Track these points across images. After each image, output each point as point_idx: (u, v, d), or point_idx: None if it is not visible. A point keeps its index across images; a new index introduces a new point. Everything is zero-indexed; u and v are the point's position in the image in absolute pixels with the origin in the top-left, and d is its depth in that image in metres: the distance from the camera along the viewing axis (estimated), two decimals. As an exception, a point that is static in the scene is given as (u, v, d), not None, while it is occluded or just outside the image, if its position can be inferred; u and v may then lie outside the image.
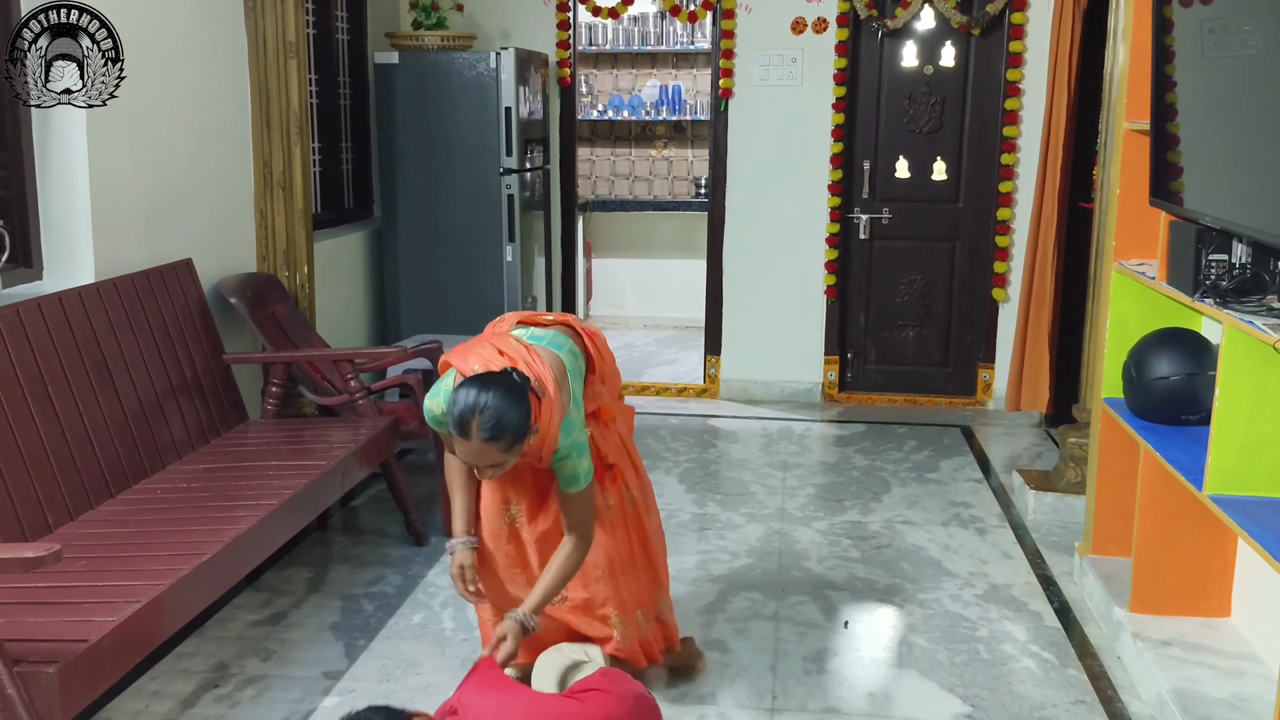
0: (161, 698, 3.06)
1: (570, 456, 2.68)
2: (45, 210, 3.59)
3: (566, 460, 2.68)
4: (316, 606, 3.65)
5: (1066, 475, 4.50)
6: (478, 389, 2.48)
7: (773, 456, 5.29)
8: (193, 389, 3.85)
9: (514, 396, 2.49)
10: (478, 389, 2.48)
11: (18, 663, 2.24)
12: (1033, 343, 5.43)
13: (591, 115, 8.51)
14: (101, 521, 3.13)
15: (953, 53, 5.95)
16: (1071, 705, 3.07)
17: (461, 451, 2.55)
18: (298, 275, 4.65)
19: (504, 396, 2.47)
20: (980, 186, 6.01)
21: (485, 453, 2.50)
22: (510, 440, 2.49)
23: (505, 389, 2.49)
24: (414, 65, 5.67)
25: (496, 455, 2.50)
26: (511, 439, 2.49)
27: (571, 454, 2.68)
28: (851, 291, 6.22)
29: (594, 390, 2.92)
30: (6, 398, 3.00)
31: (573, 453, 2.68)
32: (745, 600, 3.70)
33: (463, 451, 2.54)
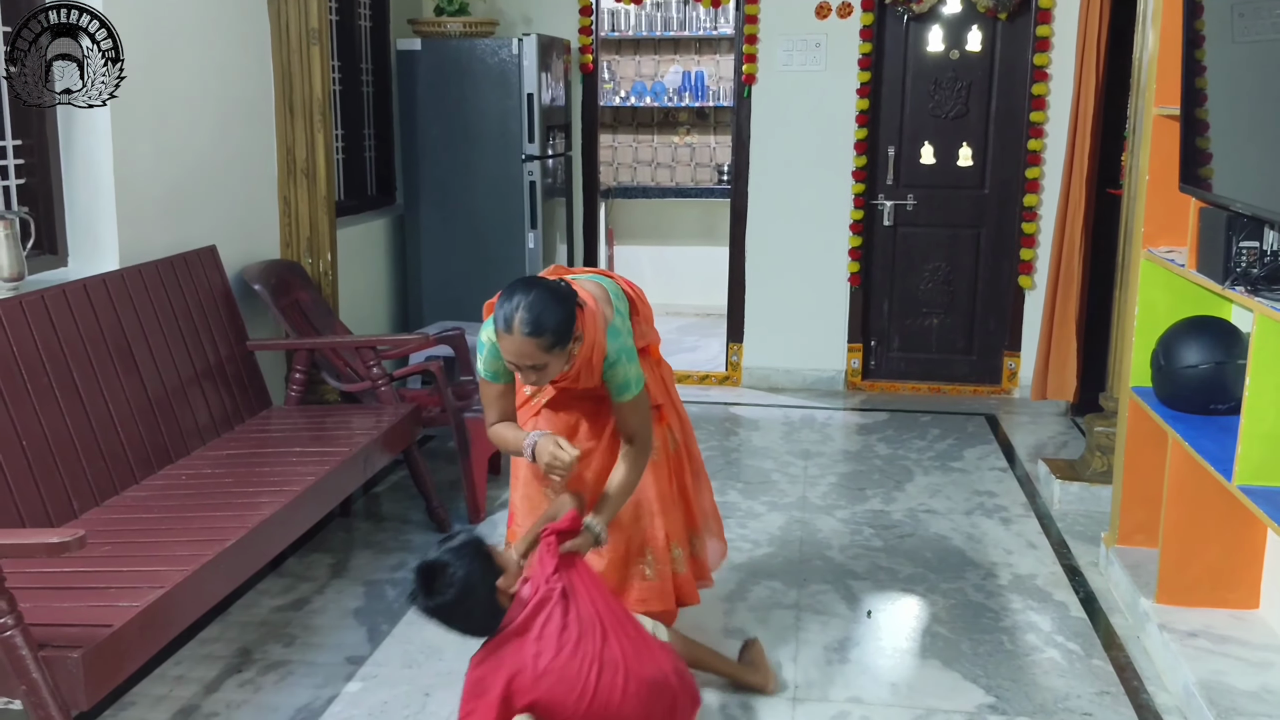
0: (185, 682, 3.08)
1: (620, 362, 2.73)
2: (70, 197, 3.61)
3: (617, 366, 2.74)
4: (339, 592, 3.66)
5: (1093, 464, 4.47)
6: (522, 289, 2.58)
7: (795, 445, 5.27)
8: (216, 375, 3.86)
9: (556, 297, 2.58)
10: (522, 289, 2.58)
11: (43, 647, 2.25)
12: (1059, 330, 5.38)
13: (614, 101, 8.48)
14: (126, 507, 3.15)
15: (979, 37, 5.89)
16: (1096, 696, 3.05)
17: (505, 350, 2.59)
18: (320, 262, 4.66)
19: (546, 295, 2.57)
20: (1006, 172, 5.96)
21: (526, 349, 2.55)
22: (551, 339, 2.55)
23: (548, 290, 2.59)
24: (436, 52, 5.66)
25: (538, 354, 2.56)
26: (552, 337, 2.55)
27: (621, 358, 2.73)
28: (875, 278, 6.18)
29: (640, 330, 2.98)
30: (32, 384, 3.02)
31: (622, 357, 2.74)
32: (766, 589, 3.69)
33: (506, 349, 2.59)
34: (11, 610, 2.21)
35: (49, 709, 2.22)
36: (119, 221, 3.62)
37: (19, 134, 3.47)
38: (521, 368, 2.61)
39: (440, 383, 4.25)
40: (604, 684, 2.47)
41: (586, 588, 2.58)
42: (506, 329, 2.55)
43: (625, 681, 2.49)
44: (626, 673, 2.50)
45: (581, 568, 2.63)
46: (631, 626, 2.62)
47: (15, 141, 3.46)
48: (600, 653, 2.49)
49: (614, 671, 2.49)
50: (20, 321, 3.06)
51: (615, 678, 2.48)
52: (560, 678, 2.46)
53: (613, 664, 2.49)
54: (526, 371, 2.62)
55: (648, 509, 2.97)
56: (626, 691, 2.49)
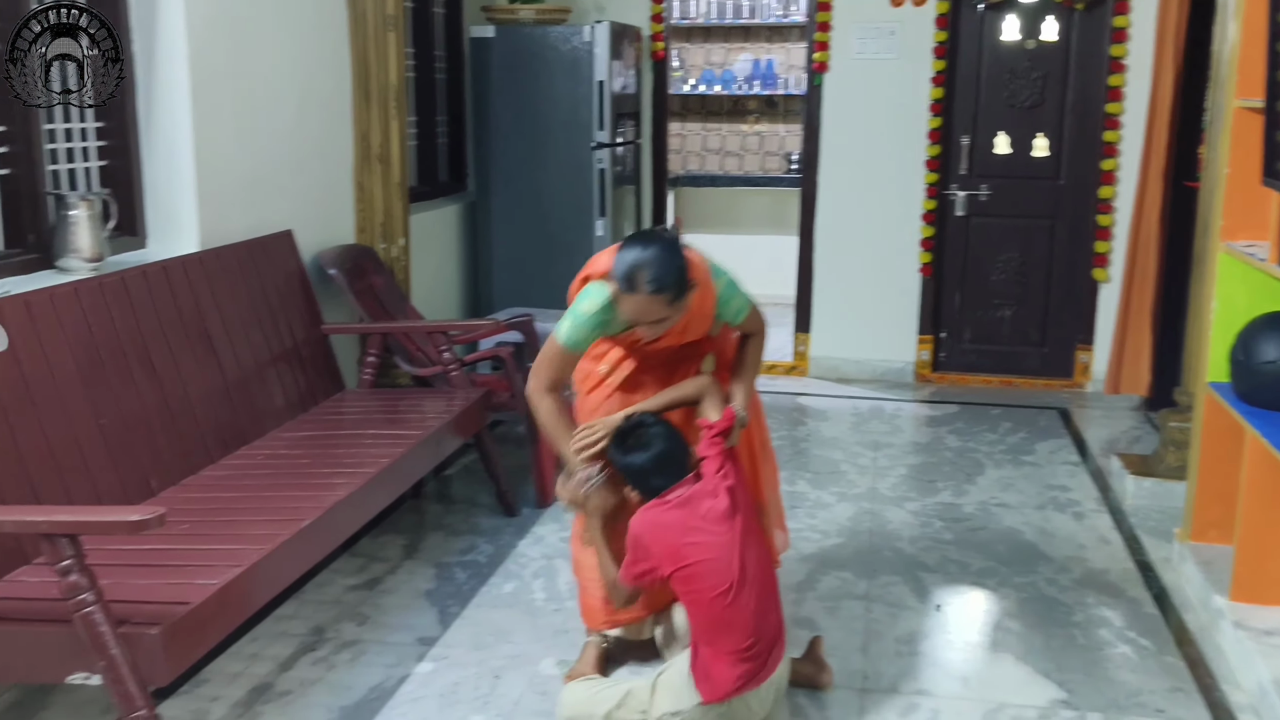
0: (260, 660, 3.13)
1: (733, 295, 2.87)
2: (150, 180, 3.68)
3: (731, 300, 2.87)
4: (411, 573, 3.71)
5: (1166, 459, 4.38)
6: (640, 245, 2.63)
7: (863, 435, 5.23)
8: (292, 358, 3.92)
9: (674, 249, 2.64)
10: (640, 245, 2.63)
11: (122, 624, 2.28)
12: (1134, 324, 5.28)
13: (683, 89, 8.46)
14: (203, 486, 3.21)
15: (1055, 27, 5.79)
16: (1169, 693, 2.99)
17: (628, 309, 2.65)
18: (394, 247, 4.71)
19: (666, 249, 2.62)
20: (1082, 163, 5.85)
21: (651, 307, 2.61)
22: (673, 293, 2.61)
23: (665, 243, 2.65)
24: (509, 39, 5.69)
25: (661, 309, 2.62)
26: (674, 291, 2.61)
27: (730, 291, 2.87)
28: (947, 269, 6.10)
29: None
30: (112, 364, 3.09)
31: (730, 289, 2.87)
32: (836, 580, 3.67)
33: (629, 308, 2.64)
34: (91, 587, 2.24)
35: (127, 684, 2.25)
36: (199, 204, 3.68)
37: (101, 116, 3.55)
38: (642, 324, 2.67)
39: (510, 368, 4.28)
40: (744, 581, 2.61)
41: (743, 491, 2.76)
42: (630, 289, 2.60)
43: (759, 590, 2.65)
44: (762, 583, 2.67)
45: (738, 469, 2.79)
46: (765, 542, 2.87)
47: (97, 124, 3.54)
48: (743, 553, 2.63)
49: (751, 578, 2.63)
50: (100, 302, 3.12)
51: (750, 586, 2.62)
52: (712, 564, 2.60)
53: (754, 569, 2.65)
54: (647, 327, 2.68)
55: None
56: (755, 597, 2.63)
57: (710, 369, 3.01)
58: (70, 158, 3.45)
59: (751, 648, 2.61)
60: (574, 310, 2.80)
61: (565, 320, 2.81)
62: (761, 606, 2.65)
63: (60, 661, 2.31)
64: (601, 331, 2.82)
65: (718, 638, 2.61)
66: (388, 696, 2.95)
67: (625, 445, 2.72)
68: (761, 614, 2.64)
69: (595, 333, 2.80)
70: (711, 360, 3.02)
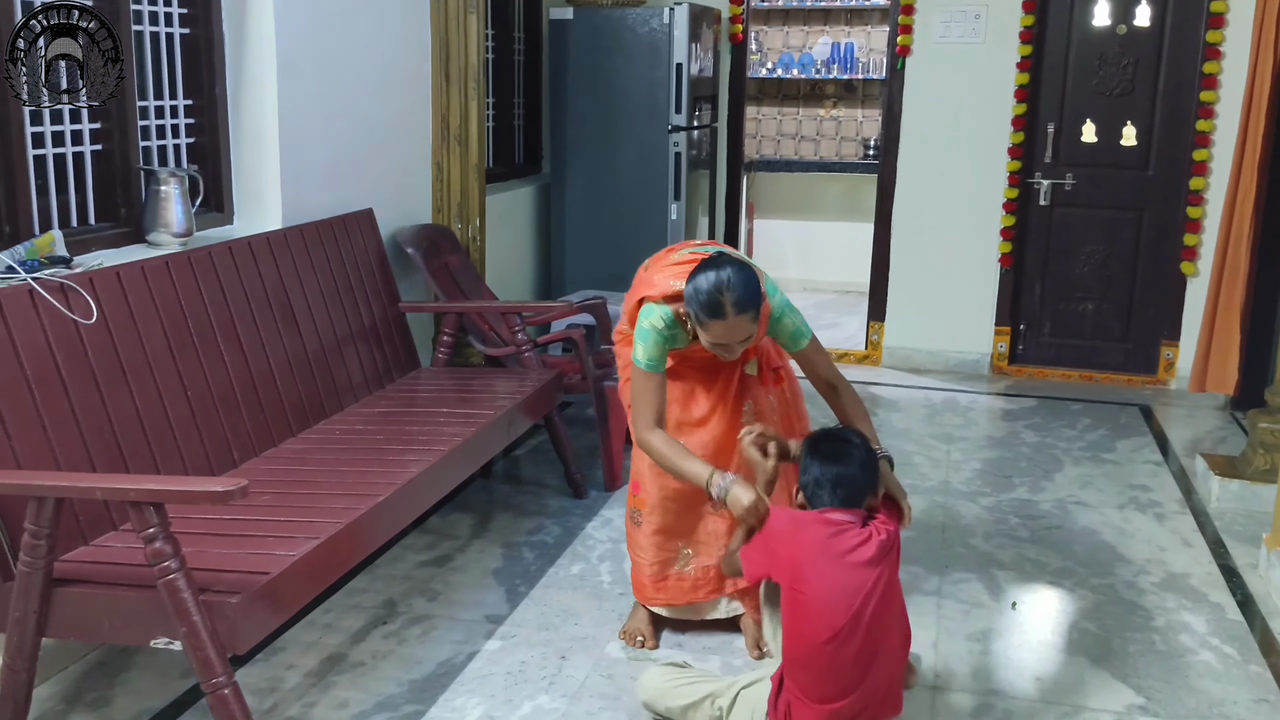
0: (333, 630, 3.18)
1: (786, 313, 2.83)
2: (237, 157, 3.74)
3: (784, 318, 2.82)
4: (480, 552, 3.74)
5: (1255, 462, 4.25)
6: (714, 269, 2.61)
7: (937, 428, 5.15)
8: (370, 335, 3.96)
9: (744, 266, 2.64)
10: (714, 269, 2.61)
11: (203, 591, 2.32)
12: (1223, 320, 5.13)
13: (760, 73, 8.38)
14: (283, 459, 3.26)
15: (1148, 12, 5.63)
16: (1254, 704, 2.91)
17: (715, 334, 2.64)
18: (469, 228, 4.74)
19: (738, 267, 2.61)
20: (1172, 154, 5.69)
21: (738, 326, 2.62)
22: (755, 309, 2.61)
23: (735, 262, 2.63)
24: (588, 21, 5.68)
25: (747, 326, 2.63)
26: (755, 306, 2.61)
27: (785, 310, 2.83)
28: (1028, 260, 5.99)
29: None
30: (199, 337, 3.14)
31: (785, 308, 2.83)
32: (907, 574, 3.60)
33: (717, 333, 2.63)
34: (176, 554, 2.28)
35: (207, 650, 2.29)
36: (282, 182, 3.73)
37: (190, 94, 3.61)
38: (729, 345, 2.66)
39: (581, 350, 4.28)
40: (853, 635, 2.39)
41: (895, 553, 2.52)
42: (716, 314, 2.59)
43: (871, 648, 2.42)
44: (877, 646, 2.43)
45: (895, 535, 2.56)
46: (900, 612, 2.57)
47: (186, 101, 3.60)
48: (863, 607, 2.39)
49: (866, 636, 2.41)
50: (188, 276, 3.18)
51: (860, 642, 2.40)
52: (825, 603, 2.39)
53: (872, 628, 2.41)
54: (733, 347, 2.68)
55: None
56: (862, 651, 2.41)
57: (753, 372, 3.01)
58: (161, 135, 3.50)
59: (840, 707, 2.41)
60: (640, 333, 2.81)
61: (637, 346, 2.81)
62: (867, 665, 2.42)
63: (144, 626, 2.36)
64: (671, 345, 2.82)
65: (802, 676, 2.45)
66: (456, 672, 2.98)
67: (820, 448, 2.59)
68: (863, 671, 2.42)
69: (666, 347, 2.81)
70: (755, 364, 3.02)
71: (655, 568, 3.10)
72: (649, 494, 3.07)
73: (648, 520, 3.08)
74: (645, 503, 3.09)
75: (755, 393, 3.03)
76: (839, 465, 2.54)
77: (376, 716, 2.77)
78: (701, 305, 2.60)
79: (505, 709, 2.81)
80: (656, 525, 3.07)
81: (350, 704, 2.82)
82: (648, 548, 3.10)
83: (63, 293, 2.73)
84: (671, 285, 2.78)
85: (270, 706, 2.79)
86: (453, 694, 2.87)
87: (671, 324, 2.79)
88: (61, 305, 2.71)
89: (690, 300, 2.63)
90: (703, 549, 3.10)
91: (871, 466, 2.58)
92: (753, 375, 3.04)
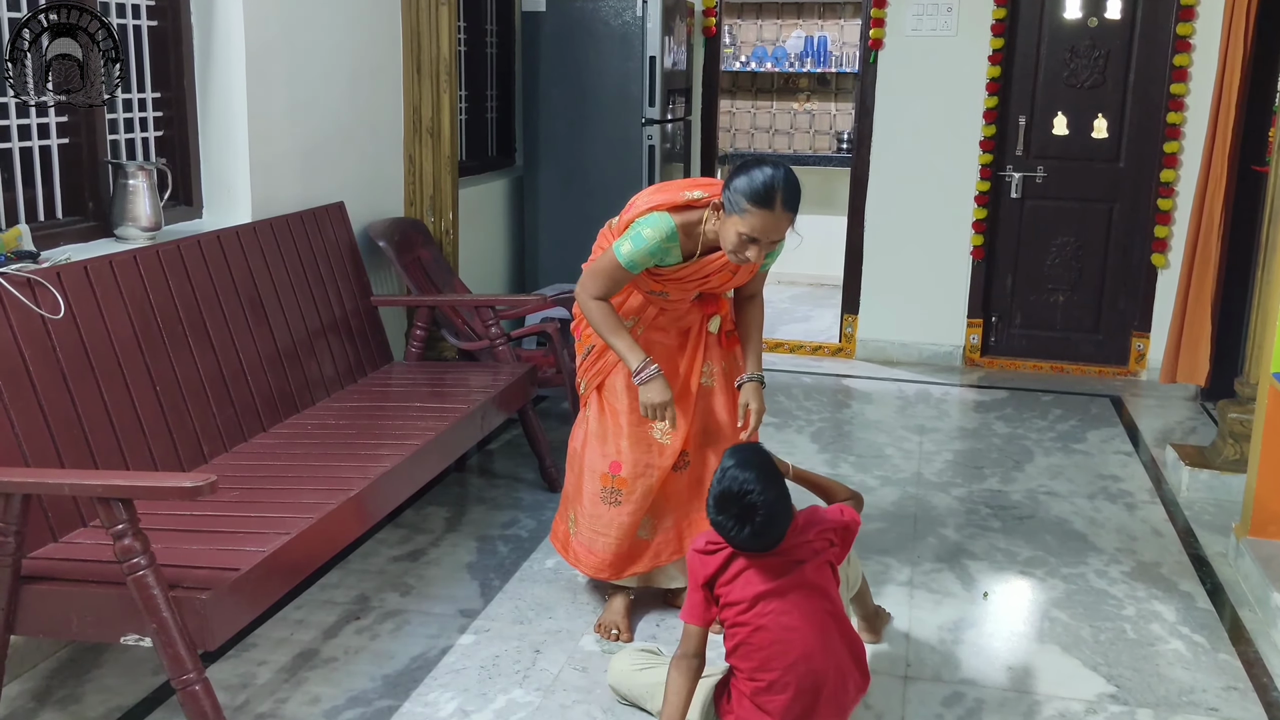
0: (305, 626, 3.16)
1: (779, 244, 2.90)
2: (205, 150, 3.70)
3: (779, 250, 2.89)
4: (453, 546, 3.73)
5: (1225, 452, 4.29)
6: (770, 166, 2.68)
7: (909, 419, 5.18)
8: (341, 329, 3.94)
9: (791, 172, 2.69)
10: (770, 166, 2.68)
11: (173, 588, 2.30)
12: (1193, 312, 5.18)
13: (734, 67, 8.39)
14: (253, 454, 3.24)
15: (1119, 4, 5.66)
16: (1223, 691, 2.94)
17: (752, 226, 2.67)
18: (442, 221, 4.72)
19: (788, 171, 2.68)
20: (1143, 146, 5.73)
21: (779, 224, 2.69)
22: (795, 213, 2.70)
23: (784, 166, 2.69)
24: (561, 12, 5.66)
25: (784, 228, 2.70)
26: (796, 211, 2.70)
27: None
28: (999, 252, 6.02)
29: None
30: (167, 331, 3.11)
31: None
32: (878, 565, 3.64)
33: (754, 225, 2.67)
34: (145, 550, 2.27)
35: (177, 647, 2.28)
36: (252, 175, 3.70)
37: (158, 86, 3.57)
38: (757, 244, 2.70)
39: (555, 344, 4.27)
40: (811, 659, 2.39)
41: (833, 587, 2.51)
42: (766, 204, 2.63)
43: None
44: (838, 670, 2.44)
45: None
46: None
47: (155, 94, 3.56)
48: (817, 643, 2.40)
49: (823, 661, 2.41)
50: (156, 270, 3.15)
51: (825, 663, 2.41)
52: (780, 635, 2.39)
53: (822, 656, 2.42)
54: (763, 247, 2.71)
55: (728, 437, 3.11)
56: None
57: (715, 330, 3.11)
58: (129, 128, 3.47)
59: (788, 696, 2.38)
60: (636, 233, 2.83)
61: (626, 241, 2.84)
62: (812, 643, 2.40)
63: (113, 623, 2.34)
64: (657, 260, 2.86)
65: (746, 665, 2.44)
66: (430, 667, 2.97)
67: (724, 508, 2.41)
68: (810, 654, 2.40)
69: (652, 259, 2.85)
70: (717, 321, 3.11)
71: (624, 544, 3.11)
72: (630, 469, 3.08)
73: (628, 499, 3.08)
74: (626, 482, 3.09)
75: (713, 352, 3.13)
76: (745, 529, 2.37)
77: (349, 712, 2.76)
78: (753, 193, 2.64)
79: (479, 703, 2.80)
80: (636, 504, 3.09)
81: (322, 699, 2.80)
82: (623, 526, 3.10)
83: (30, 288, 2.70)
84: (684, 195, 2.84)
85: (242, 703, 2.78)
86: (426, 688, 2.86)
87: (670, 237, 2.81)
88: (29, 300, 2.68)
89: (738, 189, 2.67)
90: (662, 512, 3.13)
91: (775, 519, 2.39)
92: (713, 334, 3.12)
